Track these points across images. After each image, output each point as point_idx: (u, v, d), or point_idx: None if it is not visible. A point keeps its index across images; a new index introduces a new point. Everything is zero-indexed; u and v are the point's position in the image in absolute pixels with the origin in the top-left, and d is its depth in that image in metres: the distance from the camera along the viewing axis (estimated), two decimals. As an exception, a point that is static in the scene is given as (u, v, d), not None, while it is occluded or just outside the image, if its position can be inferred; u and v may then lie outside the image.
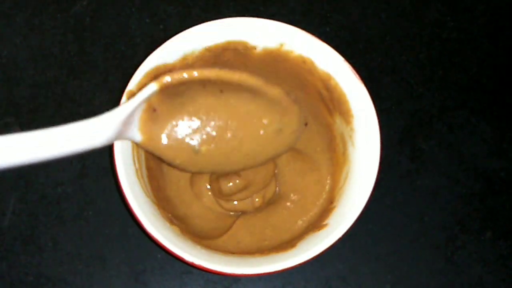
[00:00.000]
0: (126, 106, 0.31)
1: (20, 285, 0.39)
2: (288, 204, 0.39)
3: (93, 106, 0.43)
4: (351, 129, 0.36)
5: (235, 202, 0.39)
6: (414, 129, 0.44)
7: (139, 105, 0.31)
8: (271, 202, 0.39)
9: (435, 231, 0.42)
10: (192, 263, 0.30)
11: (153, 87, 0.31)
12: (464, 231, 0.42)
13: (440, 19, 0.48)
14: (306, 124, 0.40)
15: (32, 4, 0.46)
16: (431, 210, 0.42)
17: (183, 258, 0.30)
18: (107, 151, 0.42)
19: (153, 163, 0.36)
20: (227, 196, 0.38)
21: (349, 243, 0.41)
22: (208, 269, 0.31)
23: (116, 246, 0.40)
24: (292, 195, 0.39)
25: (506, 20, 0.48)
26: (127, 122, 0.31)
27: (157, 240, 0.31)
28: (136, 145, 0.33)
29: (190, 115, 0.34)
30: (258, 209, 0.39)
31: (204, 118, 0.34)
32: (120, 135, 0.31)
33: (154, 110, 0.32)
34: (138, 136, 0.32)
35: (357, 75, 0.35)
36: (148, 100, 0.32)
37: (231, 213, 0.39)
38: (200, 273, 0.40)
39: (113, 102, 0.34)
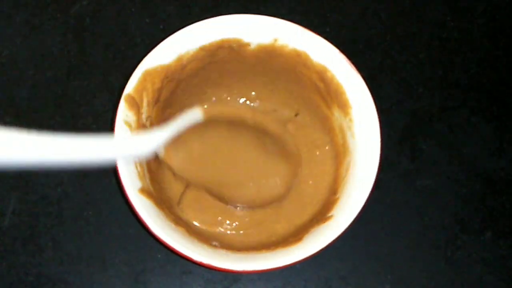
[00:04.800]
0: (172, 129, 0.33)
1: (20, 285, 0.39)
2: (297, 198, 0.39)
3: (93, 106, 0.43)
4: (350, 120, 0.36)
5: None
6: (414, 129, 0.44)
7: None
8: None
9: (435, 231, 0.42)
10: (201, 262, 0.30)
11: (198, 115, 0.34)
12: (464, 231, 0.42)
13: (440, 19, 0.48)
14: (296, 115, 0.40)
15: (32, 4, 0.46)
16: (431, 210, 0.42)
17: (191, 258, 0.31)
18: (107, 151, 0.42)
19: (154, 165, 0.37)
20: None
21: (349, 243, 0.41)
22: (217, 267, 0.31)
23: (116, 246, 0.40)
24: (301, 190, 0.39)
25: (506, 20, 0.48)
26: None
27: (164, 242, 0.31)
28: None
29: (204, 145, 0.36)
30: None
31: (214, 151, 0.36)
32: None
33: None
34: (162, 152, 0.34)
35: (353, 66, 0.35)
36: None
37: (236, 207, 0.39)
38: (200, 273, 0.40)
39: (113, 102, 0.34)
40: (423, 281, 0.41)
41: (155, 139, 0.32)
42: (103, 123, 0.43)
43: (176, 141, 0.34)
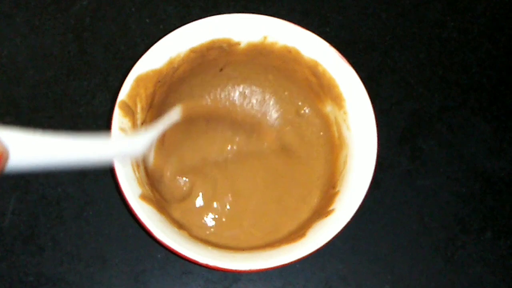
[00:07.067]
0: (157, 129, 0.34)
1: (20, 285, 0.39)
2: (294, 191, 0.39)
3: (93, 106, 0.43)
4: (344, 113, 0.36)
5: None
6: (414, 129, 0.44)
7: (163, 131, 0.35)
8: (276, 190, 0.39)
9: (435, 231, 0.42)
10: (207, 264, 0.30)
11: (177, 113, 0.36)
12: (464, 231, 0.42)
13: (440, 19, 0.48)
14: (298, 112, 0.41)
15: (32, 4, 0.46)
16: (431, 210, 0.42)
17: (197, 261, 0.30)
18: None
19: (151, 171, 0.37)
20: None
21: (349, 243, 0.41)
22: (224, 268, 0.31)
23: (116, 246, 0.40)
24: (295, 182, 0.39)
25: (506, 20, 0.48)
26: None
27: (169, 247, 0.31)
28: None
29: (190, 151, 0.39)
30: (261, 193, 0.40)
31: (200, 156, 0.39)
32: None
33: (163, 143, 0.37)
34: (151, 160, 0.36)
35: (344, 59, 0.35)
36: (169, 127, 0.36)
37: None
38: (200, 273, 0.40)
39: (113, 102, 0.34)
40: (423, 281, 0.41)
41: (143, 140, 0.33)
42: (103, 123, 0.43)
43: (162, 147, 0.35)
